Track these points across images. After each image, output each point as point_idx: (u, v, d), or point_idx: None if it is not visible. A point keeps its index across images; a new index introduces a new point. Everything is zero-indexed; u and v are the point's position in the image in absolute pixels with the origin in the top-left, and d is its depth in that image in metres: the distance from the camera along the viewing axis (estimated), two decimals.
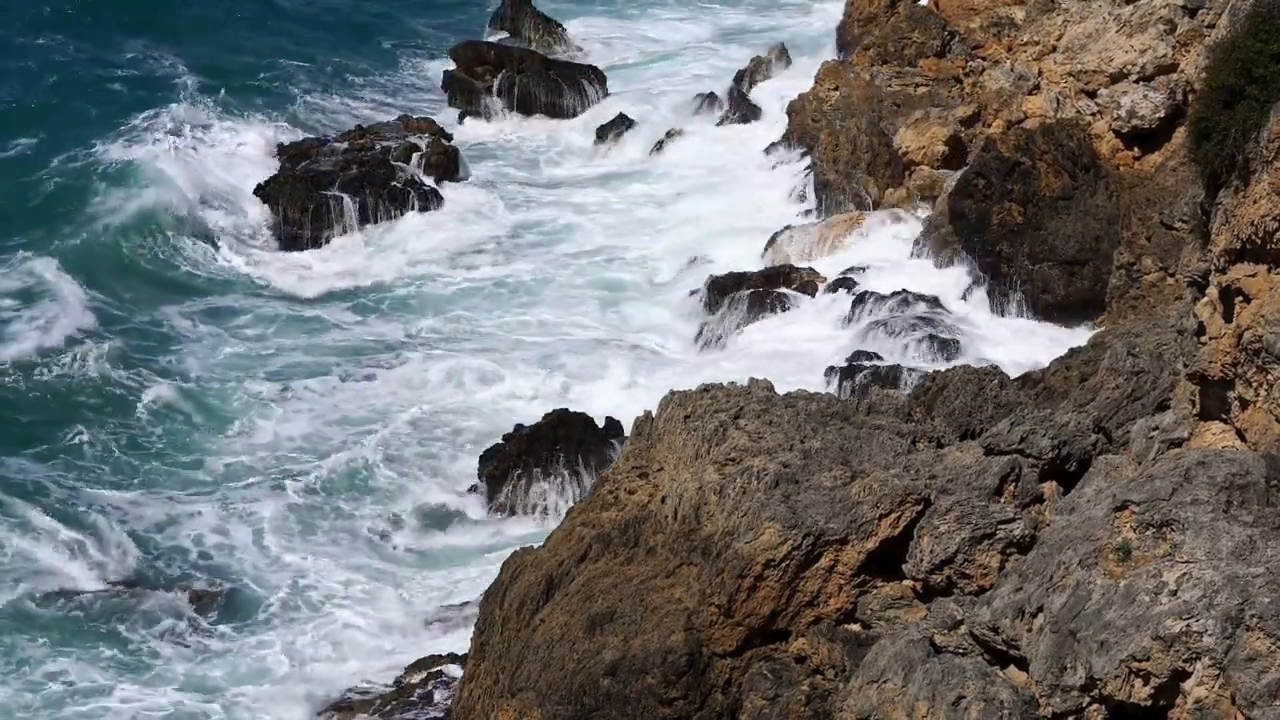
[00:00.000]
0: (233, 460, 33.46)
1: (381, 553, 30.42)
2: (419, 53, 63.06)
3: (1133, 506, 13.90)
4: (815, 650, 17.45)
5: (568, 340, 39.20)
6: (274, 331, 39.81)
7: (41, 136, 49.77)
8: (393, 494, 32.37)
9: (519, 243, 45.50)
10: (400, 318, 40.84)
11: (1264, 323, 14.98)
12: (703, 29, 66.34)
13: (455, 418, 35.36)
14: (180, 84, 55.37)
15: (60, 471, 32.38)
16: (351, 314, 41.16)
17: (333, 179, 47.54)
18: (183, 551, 30.19)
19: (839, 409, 20.65)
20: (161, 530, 30.81)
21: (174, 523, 30.99)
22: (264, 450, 33.88)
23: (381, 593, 29.02)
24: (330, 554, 30.28)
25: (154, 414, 34.99)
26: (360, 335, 39.84)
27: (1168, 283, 31.06)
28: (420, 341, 39.42)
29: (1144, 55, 39.35)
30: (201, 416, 35.09)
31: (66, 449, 33.34)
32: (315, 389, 36.57)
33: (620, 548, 19.83)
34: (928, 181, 41.54)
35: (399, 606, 28.62)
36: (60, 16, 61.96)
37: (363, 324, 40.55)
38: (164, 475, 32.83)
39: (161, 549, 30.22)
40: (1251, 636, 12.74)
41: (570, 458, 32.00)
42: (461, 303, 41.73)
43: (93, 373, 36.18)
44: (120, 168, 47.14)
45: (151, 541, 30.38)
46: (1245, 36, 15.54)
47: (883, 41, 47.95)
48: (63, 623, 27.67)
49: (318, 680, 26.36)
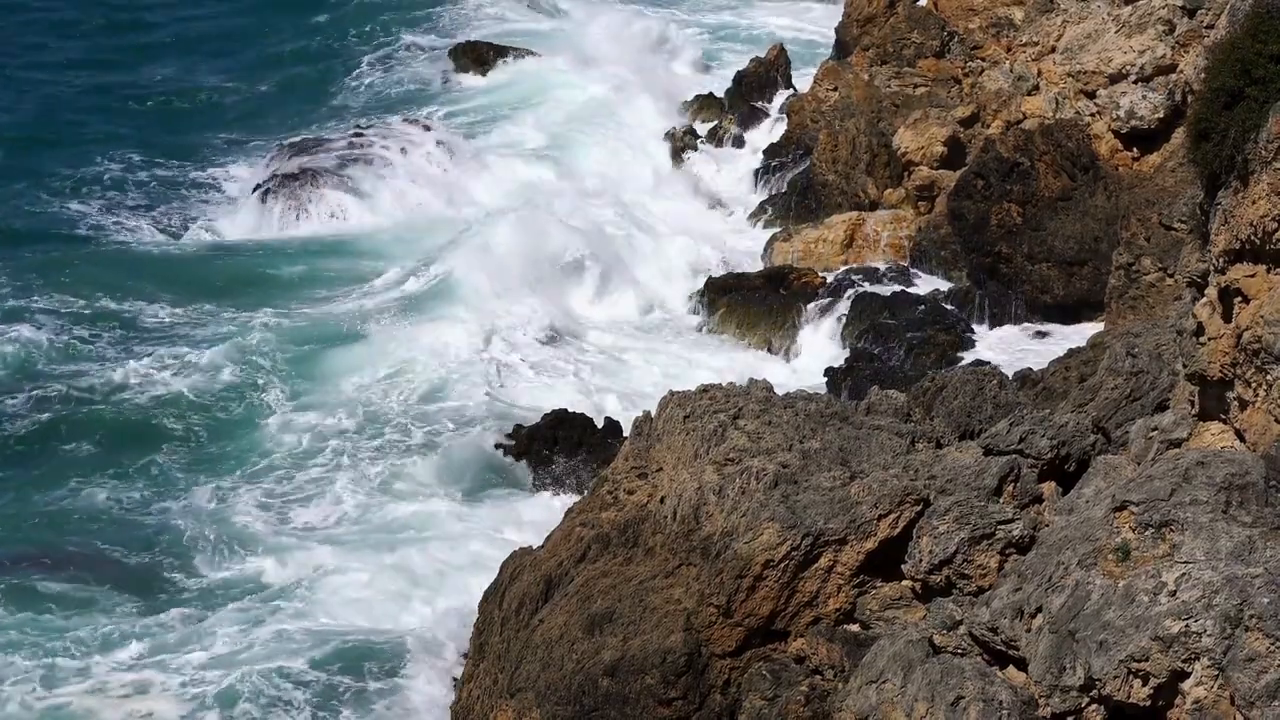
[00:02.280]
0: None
1: (382, 553, 30.35)
2: (419, 53, 63.05)
3: (1132, 507, 13.90)
4: (814, 650, 17.46)
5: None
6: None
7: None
8: (393, 494, 32.30)
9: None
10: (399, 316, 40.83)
11: (1263, 323, 14.98)
12: (704, 29, 66.41)
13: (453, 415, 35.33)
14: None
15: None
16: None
17: (332, 178, 47.54)
18: (176, 529, 30.13)
19: (838, 409, 20.66)
20: (163, 507, 30.82)
21: (173, 502, 31.03)
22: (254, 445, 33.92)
23: (382, 594, 28.95)
24: (331, 555, 30.21)
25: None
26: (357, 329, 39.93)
27: (1167, 283, 31.04)
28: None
29: (1143, 56, 39.36)
30: (213, 409, 35.01)
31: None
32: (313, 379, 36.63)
33: (619, 548, 19.84)
34: (927, 182, 41.55)
35: (399, 607, 28.55)
36: (57, 36, 62.29)
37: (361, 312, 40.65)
38: (175, 456, 32.78)
39: (165, 524, 30.19)
40: (1250, 637, 12.75)
41: (570, 458, 31.99)
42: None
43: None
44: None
45: (149, 517, 30.41)
46: (1244, 37, 15.55)
47: (882, 42, 47.95)
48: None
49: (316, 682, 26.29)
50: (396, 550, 29.05)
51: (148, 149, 52.13)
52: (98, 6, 66.82)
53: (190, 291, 40.98)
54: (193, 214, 47.30)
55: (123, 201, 48.05)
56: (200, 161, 51.47)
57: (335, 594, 27.57)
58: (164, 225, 46.42)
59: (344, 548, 29.24)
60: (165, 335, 38.60)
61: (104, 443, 33.15)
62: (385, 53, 62.82)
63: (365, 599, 27.50)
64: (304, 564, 28.61)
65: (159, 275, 42.32)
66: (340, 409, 34.49)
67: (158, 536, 29.71)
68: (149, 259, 43.91)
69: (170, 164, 50.97)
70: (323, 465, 32.52)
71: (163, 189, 49.13)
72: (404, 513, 30.65)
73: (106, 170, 50.24)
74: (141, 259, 43.87)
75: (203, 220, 46.84)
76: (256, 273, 42.78)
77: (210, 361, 36.41)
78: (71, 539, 29.67)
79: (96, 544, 29.42)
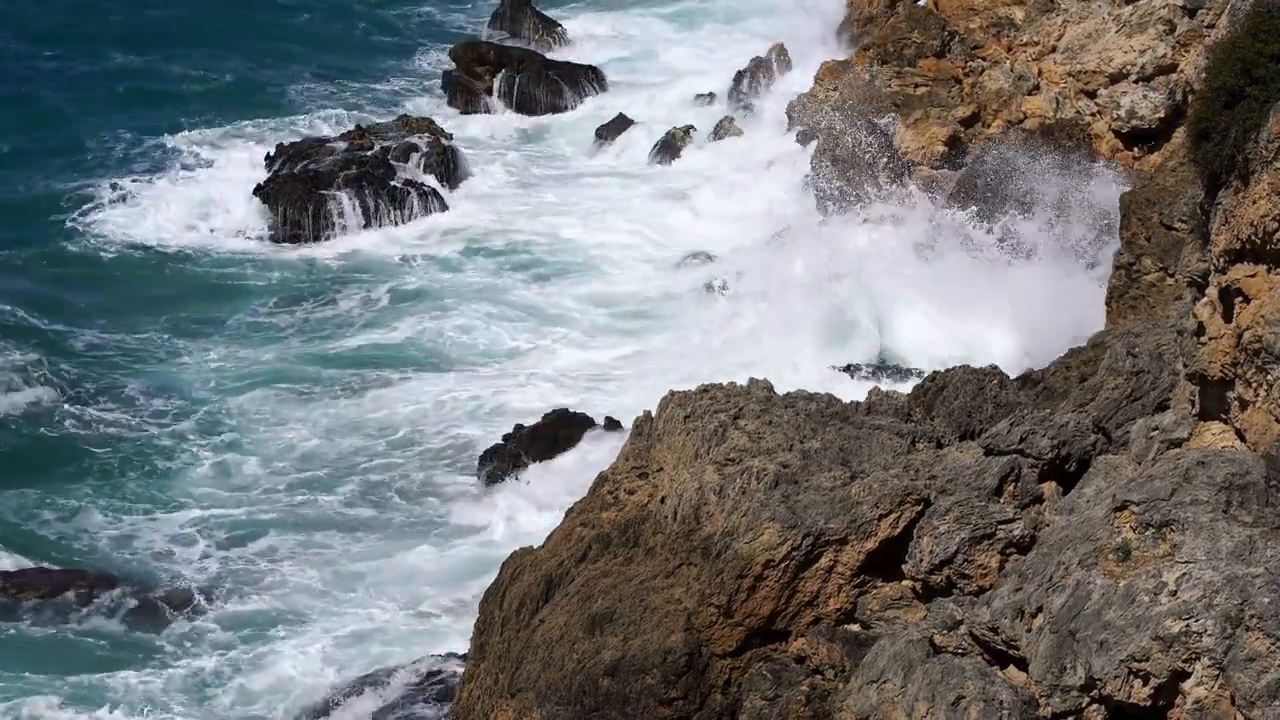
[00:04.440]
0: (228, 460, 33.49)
1: (381, 554, 30.39)
2: (418, 53, 63.07)
3: (1132, 507, 13.90)
4: (815, 650, 17.45)
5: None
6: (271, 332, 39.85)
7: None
8: (392, 495, 32.35)
9: (518, 243, 45.52)
10: (400, 314, 40.84)
11: (1264, 323, 14.97)
12: (702, 29, 66.35)
13: (452, 420, 35.34)
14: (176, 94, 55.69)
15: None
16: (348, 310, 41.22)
17: (332, 179, 47.52)
18: (175, 555, 30.13)
19: (838, 409, 20.64)
20: (157, 529, 30.84)
21: (170, 525, 31.01)
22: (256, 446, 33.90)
23: (381, 593, 29.00)
24: (329, 554, 30.26)
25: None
26: (359, 330, 39.90)
27: (1167, 283, 30.99)
28: (421, 340, 39.43)
29: (1144, 55, 39.37)
30: (199, 424, 35.02)
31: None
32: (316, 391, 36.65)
33: (620, 548, 19.83)
34: (927, 182, 41.55)
35: (398, 608, 28.60)
36: (52, 28, 62.15)
37: (361, 319, 40.62)
38: (155, 484, 32.75)
39: (158, 547, 30.22)
40: (1251, 637, 12.75)
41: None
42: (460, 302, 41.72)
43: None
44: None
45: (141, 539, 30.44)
46: (1245, 37, 15.52)
47: (882, 41, 47.93)
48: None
49: (315, 682, 26.33)
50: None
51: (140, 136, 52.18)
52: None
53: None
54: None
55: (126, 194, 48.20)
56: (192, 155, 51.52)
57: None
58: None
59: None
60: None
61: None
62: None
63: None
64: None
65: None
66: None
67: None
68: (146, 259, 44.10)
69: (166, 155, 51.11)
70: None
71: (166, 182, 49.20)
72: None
73: (103, 160, 50.32)
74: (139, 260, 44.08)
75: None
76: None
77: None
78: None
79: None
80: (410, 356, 38.49)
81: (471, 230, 46.39)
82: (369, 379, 37.22)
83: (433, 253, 44.98)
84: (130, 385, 36.45)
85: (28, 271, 42.59)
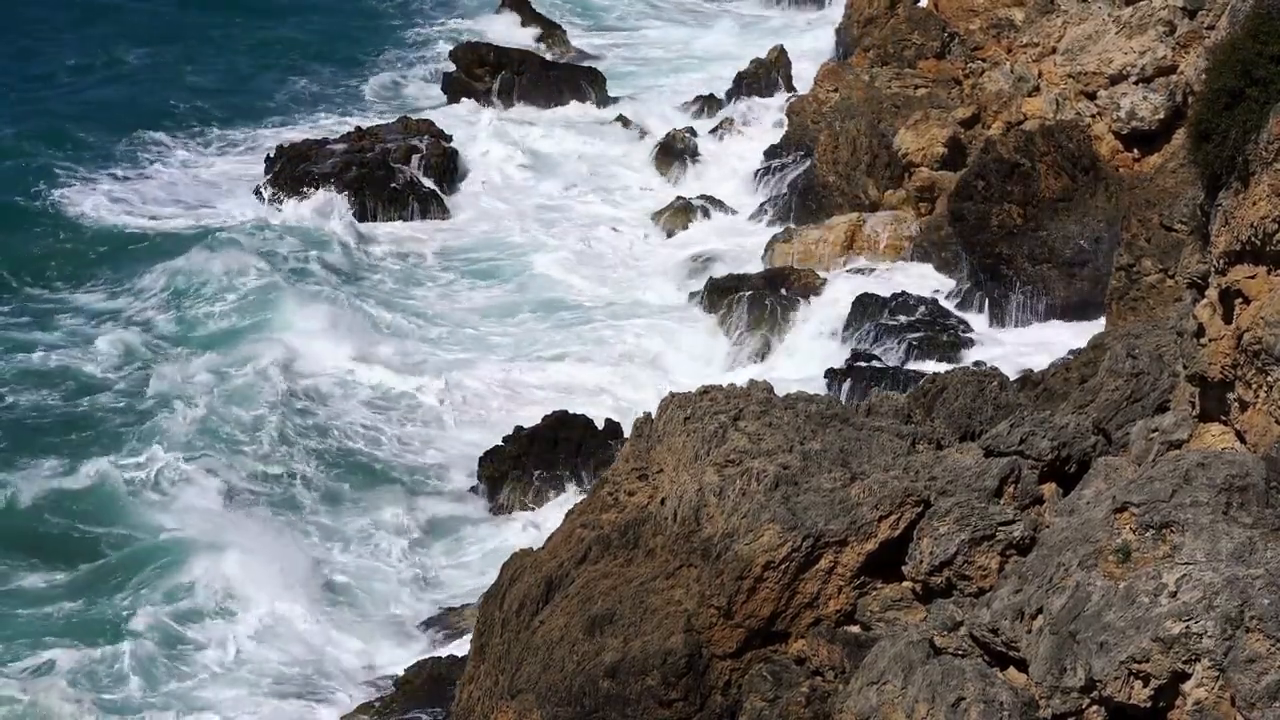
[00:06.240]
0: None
1: (381, 554, 30.37)
2: (418, 54, 63.10)
3: (1132, 508, 13.89)
4: (815, 652, 17.45)
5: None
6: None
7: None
8: (392, 495, 32.33)
9: (516, 245, 45.55)
10: (400, 314, 40.86)
11: (1264, 324, 14.97)
12: (702, 30, 66.42)
13: (452, 420, 35.36)
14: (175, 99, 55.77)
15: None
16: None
17: (332, 180, 47.53)
18: (167, 552, 30.10)
19: (838, 411, 20.64)
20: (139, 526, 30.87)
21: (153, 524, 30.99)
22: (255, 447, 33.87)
23: (381, 594, 28.98)
24: (327, 556, 30.24)
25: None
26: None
27: (1167, 284, 31.02)
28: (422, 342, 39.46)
29: (1144, 57, 39.35)
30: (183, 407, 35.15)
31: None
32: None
33: (620, 549, 19.82)
34: (927, 183, 41.54)
35: (398, 608, 28.58)
36: (57, 30, 62.23)
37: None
38: None
39: (145, 543, 30.21)
40: (1251, 638, 12.74)
41: (570, 459, 32.00)
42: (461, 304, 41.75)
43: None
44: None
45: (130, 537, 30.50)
46: (1245, 38, 15.52)
47: (882, 43, 47.97)
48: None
49: (317, 683, 26.31)
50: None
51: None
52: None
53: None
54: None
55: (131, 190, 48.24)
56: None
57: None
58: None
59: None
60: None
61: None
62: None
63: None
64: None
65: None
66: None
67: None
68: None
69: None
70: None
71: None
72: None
73: (109, 157, 50.38)
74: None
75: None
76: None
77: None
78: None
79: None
80: (411, 356, 38.48)
81: (470, 231, 46.39)
82: (369, 378, 37.17)
83: (432, 252, 45.01)
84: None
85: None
